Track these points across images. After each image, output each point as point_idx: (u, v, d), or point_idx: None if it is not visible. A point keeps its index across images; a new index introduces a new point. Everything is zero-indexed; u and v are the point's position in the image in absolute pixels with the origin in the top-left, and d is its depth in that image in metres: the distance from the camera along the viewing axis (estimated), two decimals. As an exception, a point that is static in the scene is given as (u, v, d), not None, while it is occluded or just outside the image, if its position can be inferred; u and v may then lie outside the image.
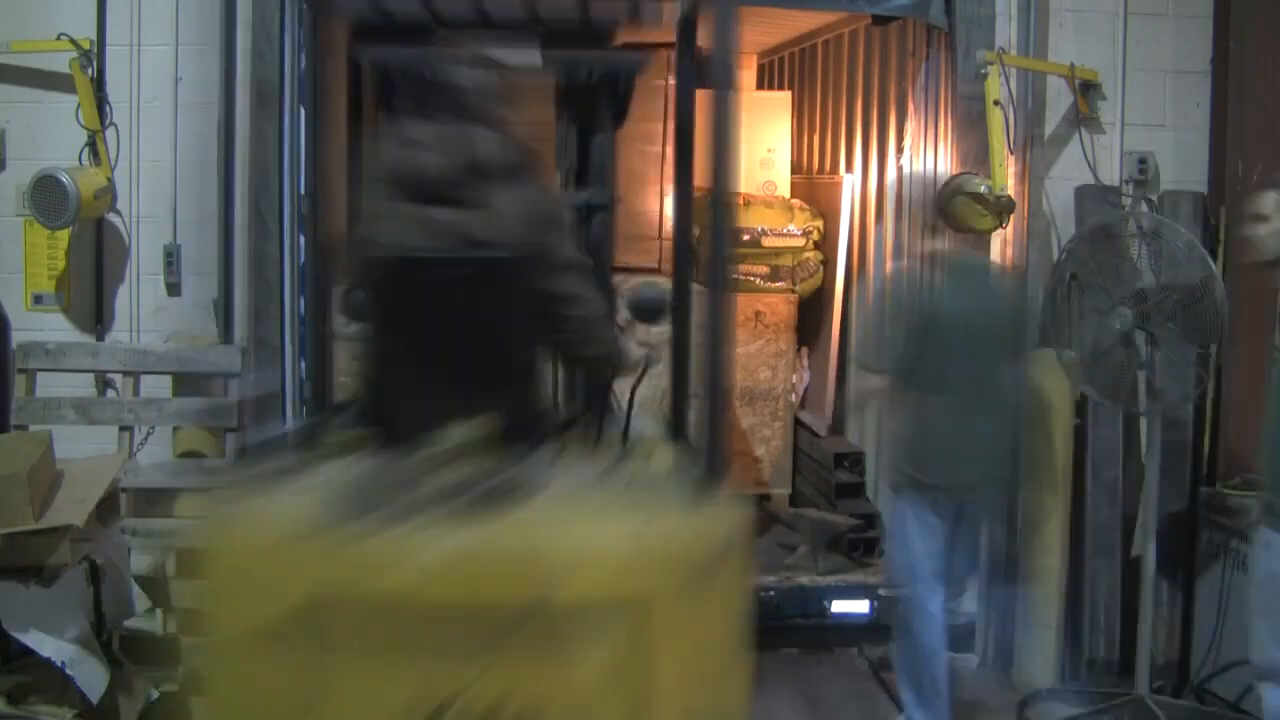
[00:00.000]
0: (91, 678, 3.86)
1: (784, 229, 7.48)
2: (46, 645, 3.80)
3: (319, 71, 5.76)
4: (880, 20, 6.45)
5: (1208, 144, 5.72)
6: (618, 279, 4.11)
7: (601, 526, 2.80)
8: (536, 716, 2.61)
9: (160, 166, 5.48)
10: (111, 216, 5.48)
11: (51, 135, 5.41)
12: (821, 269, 7.59)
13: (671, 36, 4.40)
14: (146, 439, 5.37)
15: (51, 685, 3.91)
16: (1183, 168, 5.71)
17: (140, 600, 4.41)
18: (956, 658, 5.27)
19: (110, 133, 5.39)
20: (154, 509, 5.21)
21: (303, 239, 5.66)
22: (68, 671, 3.81)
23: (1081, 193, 5.65)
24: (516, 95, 3.37)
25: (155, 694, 4.45)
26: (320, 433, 3.36)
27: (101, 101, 5.37)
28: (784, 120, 8.16)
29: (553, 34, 4.34)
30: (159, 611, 5.07)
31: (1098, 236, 5.01)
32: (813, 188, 8.01)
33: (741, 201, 7.55)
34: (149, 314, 5.53)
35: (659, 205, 7.45)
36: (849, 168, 7.53)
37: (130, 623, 4.53)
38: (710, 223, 3.31)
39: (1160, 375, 4.90)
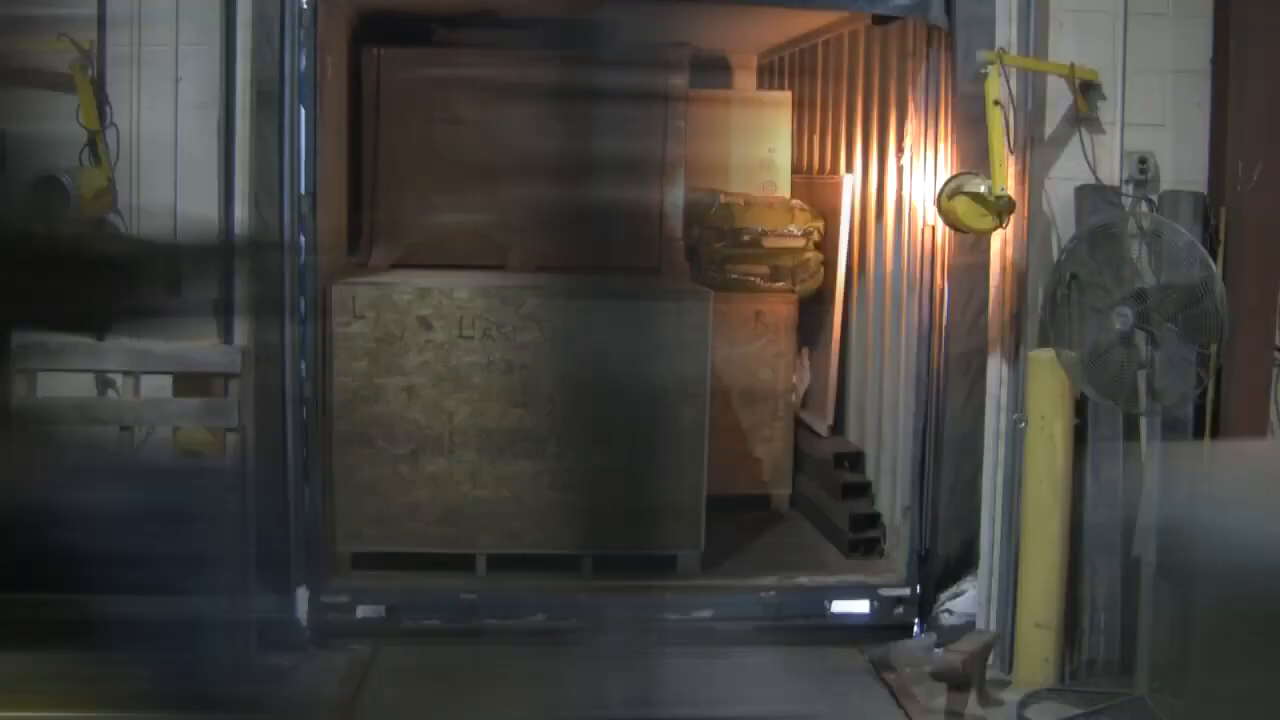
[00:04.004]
0: (91, 677, 3.87)
1: (784, 229, 7.48)
2: (46, 645, 3.80)
3: (319, 71, 5.79)
4: (880, 20, 6.46)
5: (1208, 144, 5.71)
6: None
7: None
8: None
9: (160, 166, 5.47)
10: (111, 216, 5.48)
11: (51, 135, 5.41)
12: (822, 270, 7.59)
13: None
14: (146, 439, 5.36)
15: (51, 685, 3.91)
16: (1183, 168, 5.70)
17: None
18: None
19: (110, 133, 5.39)
20: (154, 509, 5.20)
21: (303, 239, 5.67)
22: (68, 671, 3.81)
23: (1081, 193, 5.65)
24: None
25: (155, 694, 4.44)
26: None
27: (101, 101, 5.37)
28: (784, 120, 8.16)
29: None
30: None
31: (1098, 236, 5.02)
32: (813, 188, 8.01)
33: (741, 202, 7.56)
34: (149, 314, 5.52)
35: (659, 205, 7.44)
36: (849, 168, 7.53)
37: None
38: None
39: (1160, 375, 4.90)
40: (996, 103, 5.35)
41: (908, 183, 6.46)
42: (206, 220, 5.42)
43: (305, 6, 5.56)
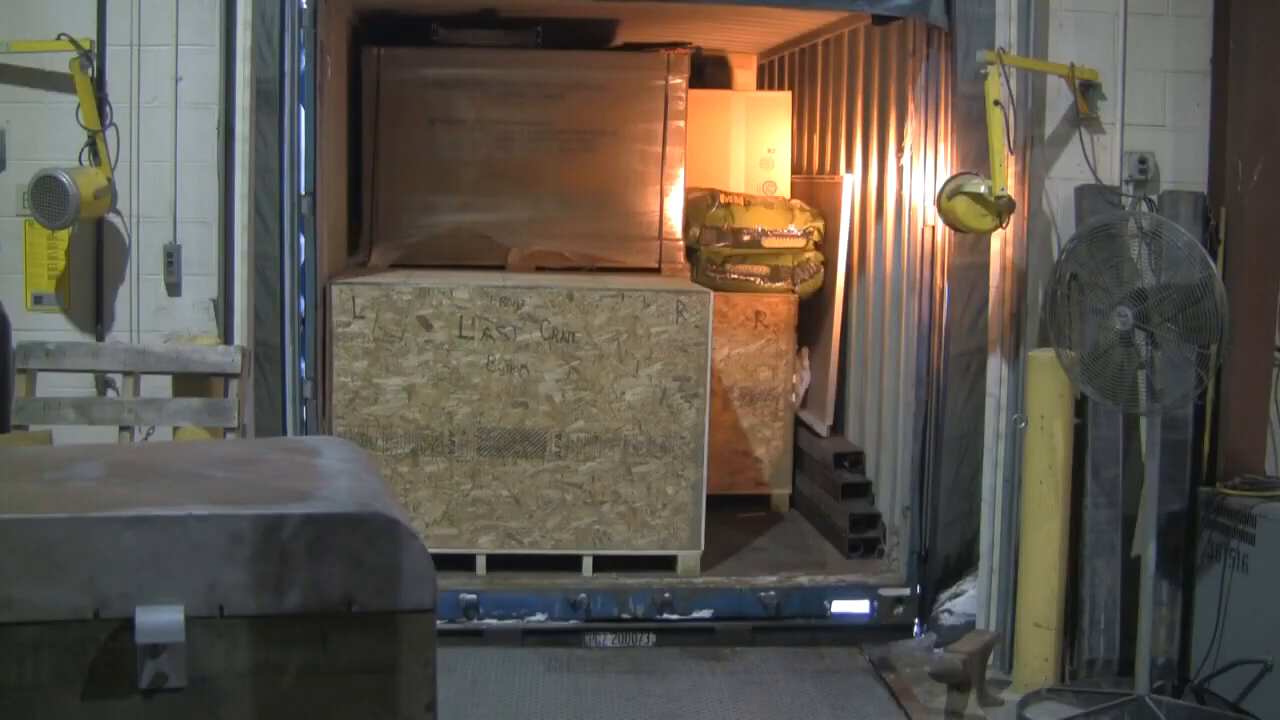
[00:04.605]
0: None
1: (784, 229, 7.48)
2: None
3: (319, 71, 5.79)
4: (880, 20, 6.45)
5: (1208, 144, 5.71)
6: None
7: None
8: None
9: (160, 166, 5.48)
10: (111, 216, 5.48)
11: (51, 135, 5.41)
12: (822, 270, 7.59)
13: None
14: (146, 439, 5.37)
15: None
16: (1183, 168, 5.71)
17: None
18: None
19: (110, 133, 5.40)
20: (154, 509, 5.20)
21: (302, 239, 5.67)
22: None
23: (1081, 193, 5.65)
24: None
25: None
26: None
27: (101, 101, 5.37)
28: (784, 120, 8.16)
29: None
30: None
31: (1098, 236, 5.01)
32: (813, 188, 8.01)
33: (741, 202, 7.56)
34: (149, 314, 5.53)
35: (659, 205, 7.45)
36: (849, 168, 7.53)
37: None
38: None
39: (1160, 375, 4.90)
40: (996, 103, 5.35)
41: (908, 183, 6.45)
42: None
43: (305, 6, 5.56)
